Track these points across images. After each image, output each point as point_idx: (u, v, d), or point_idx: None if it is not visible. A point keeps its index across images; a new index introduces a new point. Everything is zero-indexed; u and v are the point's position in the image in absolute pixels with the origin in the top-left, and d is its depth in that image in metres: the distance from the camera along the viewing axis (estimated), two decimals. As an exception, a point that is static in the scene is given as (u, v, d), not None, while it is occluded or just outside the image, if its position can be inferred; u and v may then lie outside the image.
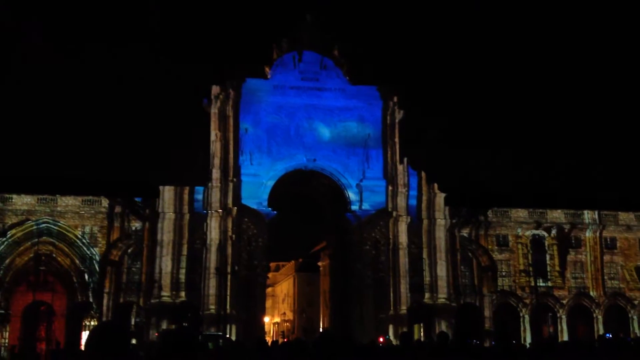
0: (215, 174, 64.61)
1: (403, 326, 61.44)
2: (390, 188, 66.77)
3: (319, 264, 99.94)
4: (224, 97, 66.64)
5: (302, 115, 67.50)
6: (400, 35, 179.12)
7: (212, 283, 61.62)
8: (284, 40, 70.06)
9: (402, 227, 66.08)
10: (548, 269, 70.66)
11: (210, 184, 64.38)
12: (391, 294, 64.62)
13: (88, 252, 63.90)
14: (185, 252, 63.42)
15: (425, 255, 66.46)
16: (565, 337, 66.41)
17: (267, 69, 69.28)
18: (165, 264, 62.70)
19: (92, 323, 61.61)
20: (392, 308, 64.25)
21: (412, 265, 65.65)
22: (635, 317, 70.68)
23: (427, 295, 65.50)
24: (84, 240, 64.16)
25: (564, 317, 69.69)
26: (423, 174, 68.62)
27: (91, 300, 62.90)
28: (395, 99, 69.26)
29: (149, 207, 64.67)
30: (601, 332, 66.64)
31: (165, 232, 63.44)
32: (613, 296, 71.00)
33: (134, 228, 65.02)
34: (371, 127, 68.26)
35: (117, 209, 64.68)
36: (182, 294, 62.61)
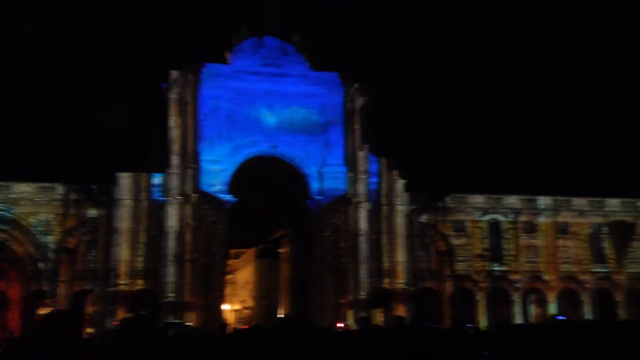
0: (174, 160, 63.90)
1: (362, 311, 62.02)
2: (350, 174, 67.10)
3: (280, 250, 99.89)
4: (183, 82, 65.79)
5: (263, 101, 67.16)
6: (362, 22, 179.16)
7: (171, 271, 61.13)
8: (244, 25, 69.41)
9: (362, 214, 66.51)
10: (504, 253, 72.06)
11: (169, 171, 63.66)
12: (351, 280, 65.10)
13: (43, 240, 62.65)
14: (143, 239, 62.70)
15: (384, 241, 67.06)
16: (520, 320, 67.95)
17: (227, 54, 68.58)
18: (123, 251, 61.92)
19: (48, 311, 60.56)
20: (351, 293, 64.75)
21: (372, 251, 66.21)
22: (586, 300, 72.63)
23: (386, 280, 66.17)
24: (39, 228, 62.88)
25: (518, 300, 71.23)
26: (384, 160, 69.09)
27: (46, 288, 61.76)
28: (356, 85, 69.43)
29: (105, 194, 63.67)
30: (554, 314, 68.40)
31: (123, 219, 62.61)
32: (566, 280, 72.80)
33: (90, 215, 63.93)
34: (332, 114, 68.35)
35: (73, 196, 63.48)
36: (140, 281, 61.97)
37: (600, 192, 76.09)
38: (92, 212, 63.91)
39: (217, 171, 64.47)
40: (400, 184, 68.54)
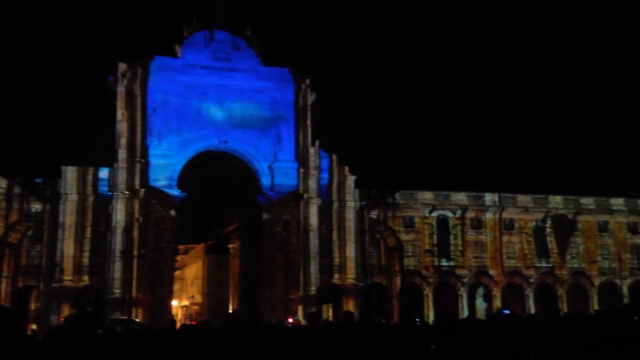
0: (122, 154, 62.74)
1: (312, 306, 62.22)
2: (301, 170, 67.12)
3: (229, 246, 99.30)
4: (132, 75, 64.61)
5: (214, 95, 66.51)
6: (314, 17, 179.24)
7: (118, 266, 60.07)
8: (194, 18, 68.55)
9: (313, 209, 66.66)
10: (451, 248, 73.30)
11: (116, 165, 62.47)
12: (301, 275, 65.20)
13: (-16, 235, 60.70)
14: (88, 234, 61.41)
15: (335, 236, 67.37)
16: (466, 314, 69.28)
17: (177, 48, 67.63)
18: (68, 247, 60.51)
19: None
20: (301, 289, 64.86)
21: (322, 247, 66.45)
22: (530, 294, 74.56)
23: (336, 275, 66.53)
24: (-20, 223, 60.89)
25: (464, 295, 72.61)
26: (334, 156, 69.36)
27: (-12, 285, 59.91)
28: (307, 81, 69.44)
29: (50, 188, 62.09)
30: (500, 308, 69.94)
31: (68, 214, 61.16)
32: (510, 274, 74.56)
33: (34, 210, 62.28)
34: (284, 109, 68.18)
35: (16, 190, 61.73)
36: (85, 277, 60.71)
37: (543, 189, 78.19)
38: (36, 207, 62.27)
39: (166, 166, 63.59)
40: (350, 180, 68.93)
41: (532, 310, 71.32)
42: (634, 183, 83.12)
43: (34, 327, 58.39)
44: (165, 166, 63.55)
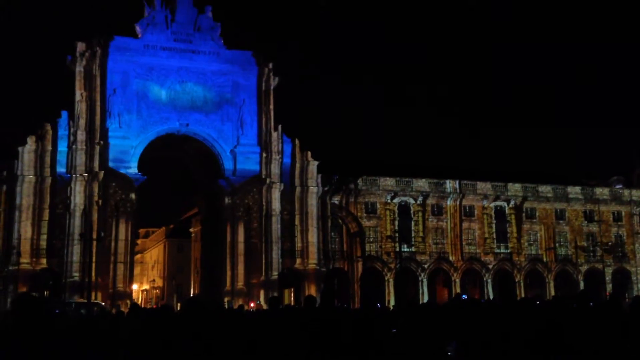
0: (80, 135, 61.59)
1: (274, 291, 62.27)
2: (264, 155, 66.84)
3: (191, 230, 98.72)
4: (90, 55, 63.29)
5: (175, 77, 65.61)
6: (279, 1, 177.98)
7: (76, 250, 59.15)
8: (156, -3, 67.26)
9: (275, 194, 66.53)
10: (412, 234, 74.06)
11: (74, 147, 61.30)
12: (263, 260, 65.13)
13: (-63, 217, 59.10)
14: (46, 217, 60.23)
15: (297, 221, 67.41)
16: (425, 299, 70.24)
17: (137, 27, 66.43)
18: (25, 229, 59.27)
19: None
20: (263, 274, 64.82)
21: (284, 232, 66.47)
22: (489, 280, 75.93)
23: (298, 260, 66.67)
24: None
25: (425, 280, 73.55)
26: (297, 141, 69.26)
27: (-60, 268, 58.46)
28: (270, 65, 68.99)
29: (6, 169, 60.65)
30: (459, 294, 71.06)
31: (25, 196, 59.86)
32: (470, 260, 75.77)
33: (-11, 191, 60.77)
34: (246, 93, 67.65)
35: (-30, 171, 60.15)
36: (43, 260, 59.61)
37: (503, 177, 79.46)
38: (-8, 188, 60.76)
39: (126, 148, 62.62)
40: (313, 165, 68.95)
41: (491, 296, 72.67)
42: (589, 172, 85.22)
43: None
44: (126, 148, 62.59)
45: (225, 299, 61.85)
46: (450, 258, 75.04)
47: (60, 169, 61.20)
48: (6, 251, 59.44)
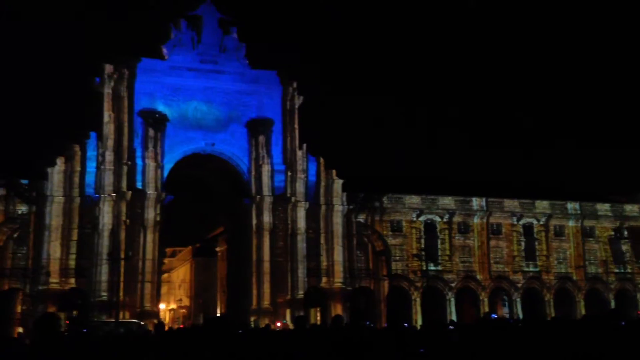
0: (108, 156, 62.38)
1: (300, 310, 62.07)
2: (289, 174, 67.03)
3: (217, 249, 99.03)
4: (118, 77, 64.26)
5: (201, 98, 66.37)
6: (301, 20, 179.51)
7: (104, 269, 59.64)
8: (182, 19, 68.31)
9: (301, 213, 66.58)
10: (439, 253, 73.44)
11: (102, 167, 62.09)
12: (288, 279, 65.04)
13: (-31, 237, 60.09)
14: (75, 237, 60.90)
15: (322, 240, 67.30)
16: (454, 318, 69.42)
17: (164, 49, 67.38)
18: (54, 249, 60.00)
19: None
20: (289, 293, 64.70)
21: (310, 250, 66.37)
22: (518, 299, 74.84)
23: (324, 279, 66.46)
24: (-36, 224, 60.26)
25: (452, 299, 72.74)
26: (322, 160, 69.39)
27: (-27, 287, 59.34)
28: (294, 84, 69.44)
29: (35, 190, 61.59)
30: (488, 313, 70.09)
31: (54, 216, 60.66)
32: (498, 279, 74.81)
33: (19, 212, 61.70)
34: (271, 112, 68.11)
35: (1, 192, 61.17)
36: (72, 280, 60.19)
37: (530, 194, 78.62)
38: (22, 208, 61.73)
39: (153, 168, 63.24)
40: (338, 183, 68.95)
41: (520, 315, 71.61)
42: (618, 188, 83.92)
43: (20, 330, 57.86)
44: (152, 168, 63.21)
45: (252, 318, 61.79)
46: (478, 277, 74.19)
47: (89, 189, 61.98)
48: (36, 271, 60.15)
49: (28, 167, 63.25)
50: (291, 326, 56.00)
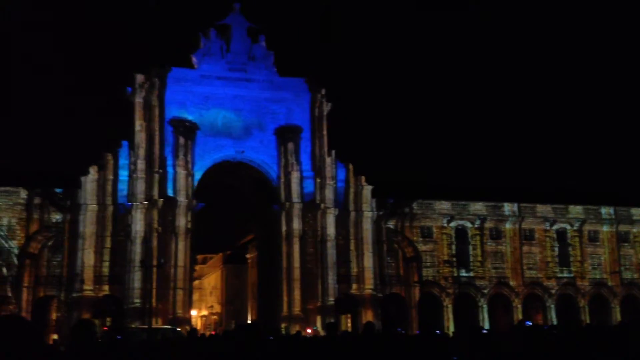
0: (140, 164, 63.14)
1: (330, 317, 61.95)
2: (318, 180, 67.09)
3: (247, 256, 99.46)
4: (149, 86, 65.10)
5: (230, 106, 66.87)
6: (329, 27, 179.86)
7: (137, 276, 60.29)
8: (211, 29, 69.00)
9: (330, 219, 66.55)
10: (470, 259, 72.74)
11: (134, 175, 62.87)
12: (319, 285, 65.02)
13: (6, 245, 61.31)
14: (108, 244, 61.74)
15: (352, 246, 67.15)
16: (487, 326, 68.66)
17: (193, 58, 68.10)
18: (88, 256, 60.89)
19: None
20: (319, 299, 64.66)
21: (340, 257, 66.26)
22: (552, 305, 73.72)
23: (354, 286, 66.27)
24: (1, 233, 61.49)
25: (485, 306, 71.93)
26: (351, 166, 69.32)
27: (9, 294, 60.43)
28: (323, 91, 69.57)
29: (70, 199, 62.61)
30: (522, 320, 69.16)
31: (88, 224, 61.57)
32: (531, 285, 73.79)
33: (54, 220, 62.79)
34: (299, 119, 68.31)
35: (37, 201, 62.31)
36: (105, 287, 60.99)
37: (564, 199, 77.49)
38: (56, 217, 62.79)
39: (184, 176, 63.83)
40: (367, 189, 68.78)
41: (554, 322, 70.50)
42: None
43: (55, 337, 58.74)
44: (183, 176, 63.80)
45: (283, 325, 61.87)
46: (511, 283, 73.27)
47: (121, 198, 62.78)
48: (70, 278, 61.09)
49: (62, 176, 64.36)
50: (322, 333, 55.94)
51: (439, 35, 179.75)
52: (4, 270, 60.87)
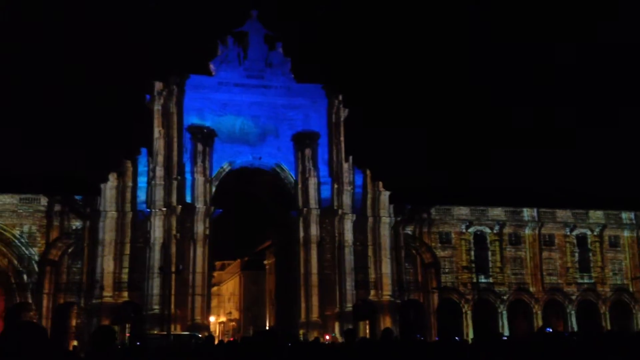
0: (159, 171, 63.55)
1: (348, 323, 61.81)
2: (335, 186, 67.05)
3: (265, 262, 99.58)
4: (168, 94, 65.58)
5: (247, 112, 67.13)
6: (345, 33, 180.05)
7: (156, 283, 60.62)
8: (228, 36, 69.41)
9: (348, 225, 66.44)
10: (490, 265, 72.22)
11: (153, 182, 63.30)
12: (337, 292, 64.90)
13: (26, 252, 61.93)
14: (127, 251, 62.17)
15: (370, 252, 66.98)
16: (506, 332, 68.07)
17: (211, 65, 68.52)
18: (107, 263, 61.35)
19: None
20: (337, 305, 64.53)
21: (357, 263, 66.11)
22: (573, 311, 72.95)
23: (372, 292, 66.09)
24: (22, 240, 62.13)
25: (504, 312, 71.36)
26: (368, 171, 69.22)
27: (30, 301, 61.02)
28: (340, 97, 69.62)
29: (89, 206, 63.14)
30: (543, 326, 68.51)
31: (107, 231, 62.06)
32: (551, 291, 73.09)
33: (74, 227, 63.35)
34: (317, 125, 68.42)
35: (57, 208, 62.90)
36: (125, 293, 61.38)
37: (584, 204, 76.71)
38: (76, 224, 63.33)
39: (202, 182, 64.14)
40: (385, 195, 68.62)
41: (575, 328, 69.74)
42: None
43: (75, 343, 59.18)
44: (201, 183, 64.10)
45: (301, 331, 61.81)
46: (531, 289, 72.62)
47: (140, 204, 63.22)
48: (90, 285, 61.55)
49: (82, 183, 64.96)
50: (340, 339, 55.82)
51: (454, 40, 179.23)
52: (25, 277, 61.48)
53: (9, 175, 65.31)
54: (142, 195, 63.51)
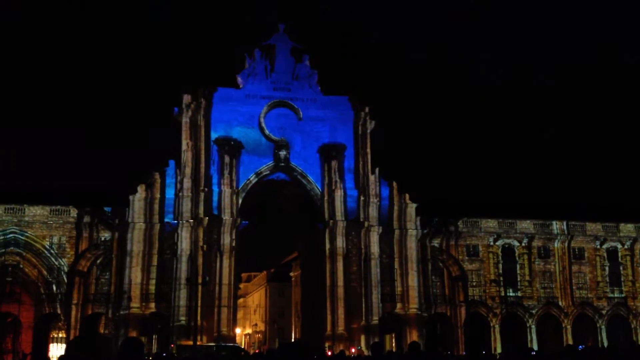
0: (186, 183, 64.03)
1: (375, 336, 61.39)
2: (362, 198, 66.85)
3: (291, 274, 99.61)
4: (196, 106, 66.17)
5: (274, 125, 67.37)
6: (373, 46, 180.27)
7: (183, 294, 60.90)
8: (256, 49, 69.89)
9: (374, 237, 66.13)
10: (518, 278, 71.26)
11: (181, 194, 63.76)
12: (363, 304, 64.53)
13: (56, 263, 62.73)
14: (155, 262, 62.59)
15: (396, 265, 66.54)
16: (535, 347, 66.98)
17: (238, 78, 69.04)
18: (135, 274, 61.81)
19: (60, 335, 60.45)
20: (363, 318, 64.15)
21: (384, 275, 65.71)
22: (603, 326, 71.59)
23: (398, 305, 65.59)
24: (51, 251, 62.98)
25: (533, 326, 70.26)
26: (395, 184, 68.89)
27: (59, 311, 61.70)
28: (366, 109, 69.56)
29: (118, 217, 63.78)
30: (570, 341, 67.36)
31: (135, 242, 62.58)
32: (581, 306, 71.83)
33: (103, 238, 64.02)
34: (343, 137, 68.40)
35: (86, 219, 63.65)
36: (152, 305, 61.74)
37: (614, 216, 75.40)
38: (105, 235, 64.00)
39: (229, 194, 64.46)
40: (411, 207, 68.20)
41: (605, 343, 68.37)
42: None
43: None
44: (228, 195, 64.42)
45: (327, 344, 61.55)
46: (560, 303, 71.45)
47: (168, 216, 63.70)
48: (118, 296, 62.03)
49: (111, 195, 65.68)
50: (366, 352, 55.42)
51: (479, 51, 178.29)
52: (54, 287, 62.22)
53: (40, 187, 66.38)
54: (169, 207, 63.99)
